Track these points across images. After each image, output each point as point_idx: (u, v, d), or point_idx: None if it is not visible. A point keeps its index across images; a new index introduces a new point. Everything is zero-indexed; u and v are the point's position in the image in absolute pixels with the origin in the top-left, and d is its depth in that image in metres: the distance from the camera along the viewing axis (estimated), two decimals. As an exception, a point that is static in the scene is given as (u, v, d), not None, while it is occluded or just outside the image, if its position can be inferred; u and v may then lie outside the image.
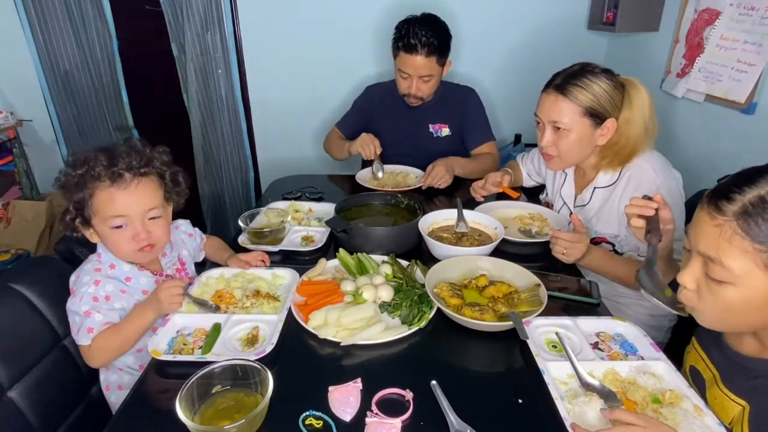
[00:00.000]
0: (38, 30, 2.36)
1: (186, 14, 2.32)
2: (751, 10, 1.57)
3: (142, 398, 0.86)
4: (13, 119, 2.40)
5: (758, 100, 1.54)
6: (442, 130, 1.95)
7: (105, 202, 0.98)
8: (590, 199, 1.36)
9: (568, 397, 0.82)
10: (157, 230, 1.04)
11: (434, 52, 1.72)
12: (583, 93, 1.21)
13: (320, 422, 0.78)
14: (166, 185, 1.08)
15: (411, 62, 1.73)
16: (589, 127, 1.25)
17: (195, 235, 1.29)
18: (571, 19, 2.43)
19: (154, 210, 1.03)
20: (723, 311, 0.74)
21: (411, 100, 1.86)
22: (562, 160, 1.33)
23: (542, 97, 1.30)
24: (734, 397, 0.79)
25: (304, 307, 1.06)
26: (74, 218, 1.00)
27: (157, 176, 1.06)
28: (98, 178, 0.97)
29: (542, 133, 1.31)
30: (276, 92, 2.55)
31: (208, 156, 2.68)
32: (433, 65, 1.76)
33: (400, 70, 1.79)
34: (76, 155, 1.00)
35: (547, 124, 1.29)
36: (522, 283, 1.12)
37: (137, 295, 1.06)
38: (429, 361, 0.94)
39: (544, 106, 1.29)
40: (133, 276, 1.07)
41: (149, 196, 1.02)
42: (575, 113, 1.23)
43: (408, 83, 1.81)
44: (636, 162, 1.26)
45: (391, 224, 1.44)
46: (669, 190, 1.22)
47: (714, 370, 0.85)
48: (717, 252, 0.70)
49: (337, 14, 2.39)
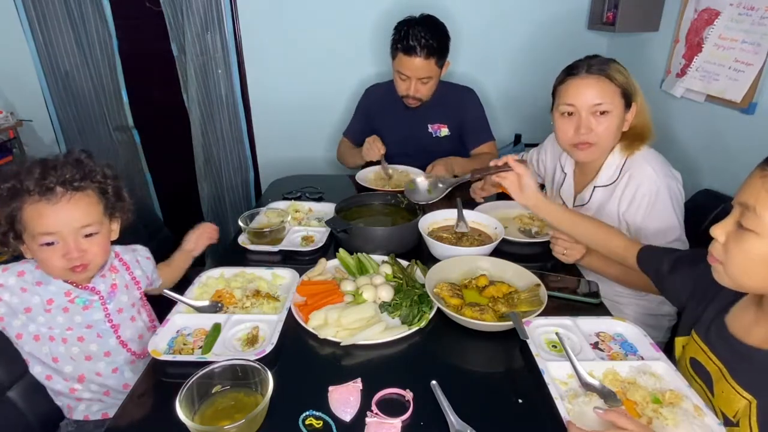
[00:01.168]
0: (38, 30, 2.35)
1: (186, 14, 2.32)
2: (751, 10, 1.57)
3: (142, 398, 0.86)
4: (13, 119, 2.39)
5: (758, 100, 1.54)
6: (441, 130, 1.95)
7: (33, 218, 0.91)
8: (590, 198, 1.36)
9: (568, 397, 0.82)
10: (93, 248, 0.97)
11: (433, 54, 1.72)
12: (618, 74, 1.21)
13: (320, 422, 0.78)
14: (108, 200, 1.02)
15: (410, 64, 1.73)
16: (623, 110, 1.23)
17: (151, 259, 1.21)
18: (570, 19, 2.43)
19: (90, 227, 0.96)
20: (745, 263, 0.75)
21: (409, 101, 1.86)
22: (599, 148, 1.26)
23: (576, 83, 1.22)
24: (741, 390, 0.79)
25: (304, 307, 1.06)
26: (5, 233, 0.94)
27: (97, 190, 0.99)
28: (27, 192, 0.90)
29: (577, 122, 1.24)
30: (276, 92, 2.55)
31: (208, 156, 2.67)
32: (432, 67, 1.76)
33: (399, 71, 1.79)
34: (10, 167, 0.94)
35: (584, 111, 1.22)
36: (522, 283, 1.13)
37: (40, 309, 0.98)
38: (429, 361, 0.94)
39: (584, 91, 1.21)
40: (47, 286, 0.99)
41: (84, 211, 0.95)
42: (615, 94, 1.21)
43: (407, 85, 1.80)
44: (637, 161, 1.26)
45: (391, 224, 1.44)
46: (669, 189, 1.22)
47: (719, 363, 0.85)
48: (756, 200, 0.72)
49: (338, 14, 2.39)
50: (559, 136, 1.31)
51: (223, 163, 2.71)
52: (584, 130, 1.23)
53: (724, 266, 0.78)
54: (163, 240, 1.63)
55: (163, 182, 2.81)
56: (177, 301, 1.07)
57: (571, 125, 1.25)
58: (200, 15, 2.34)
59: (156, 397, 0.86)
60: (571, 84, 1.24)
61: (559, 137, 1.31)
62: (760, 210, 0.71)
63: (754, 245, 0.73)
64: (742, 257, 0.75)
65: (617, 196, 1.28)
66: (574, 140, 1.26)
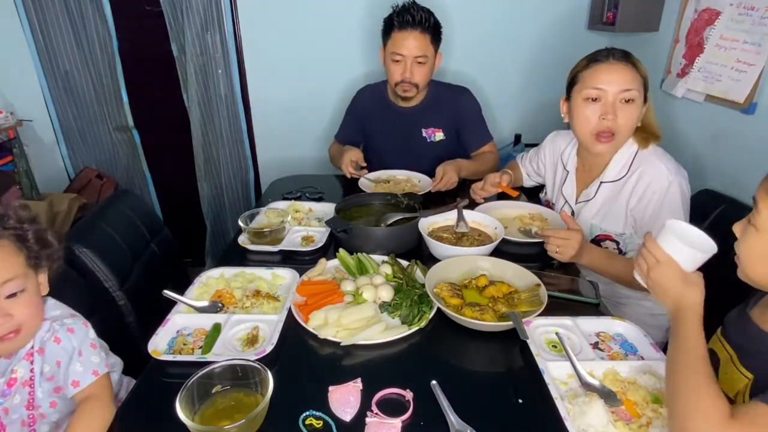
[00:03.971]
0: (38, 30, 2.35)
1: (186, 14, 2.32)
2: (751, 10, 1.57)
3: (142, 398, 0.86)
4: (13, 119, 2.39)
5: (758, 100, 1.54)
6: (436, 134, 1.90)
7: None
8: (596, 193, 1.35)
9: (568, 397, 0.82)
10: (20, 310, 0.80)
11: (429, 30, 1.68)
12: (641, 65, 1.20)
13: (320, 422, 0.78)
14: (29, 249, 0.84)
15: (406, 40, 1.68)
16: (643, 103, 1.22)
17: (98, 348, 0.92)
18: (570, 19, 2.43)
19: (11, 283, 0.79)
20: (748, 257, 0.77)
21: (405, 88, 1.76)
22: (618, 139, 1.23)
23: (605, 68, 1.19)
24: (743, 370, 0.80)
25: (304, 307, 1.06)
26: None
27: (14, 238, 0.82)
28: None
29: (603, 108, 1.19)
30: (276, 92, 2.55)
31: (207, 156, 2.67)
32: (428, 45, 1.70)
33: (394, 53, 1.71)
34: None
35: (611, 96, 1.19)
36: (522, 283, 1.13)
37: None
38: (429, 361, 0.95)
39: (613, 76, 1.18)
40: None
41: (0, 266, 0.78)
42: (641, 84, 1.20)
43: (401, 68, 1.72)
44: (647, 157, 1.26)
45: (391, 224, 1.44)
46: (680, 186, 1.21)
47: (731, 350, 0.86)
48: (760, 196, 0.74)
49: (338, 14, 2.39)
50: (579, 123, 1.26)
51: (223, 163, 2.71)
52: (611, 115, 1.19)
53: (739, 264, 0.80)
54: (163, 240, 1.63)
55: (163, 182, 2.81)
56: (177, 301, 1.07)
57: (595, 111, 1.21)
58: (200, 15, 2.34)
59: (156, 397, 0.85)
60: (599, 68, 1.20)
61: (580, 125, 1.26)
62: (761, 206, 0.73)
63: (754, 240, 0.75)
64: (746, 252, 0.77)
65: (627, 191, 1.27)
66: (597, 128, 1.22)
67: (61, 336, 0.86)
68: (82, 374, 0.84)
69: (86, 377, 0.84)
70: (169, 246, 1.66)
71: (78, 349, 0.86)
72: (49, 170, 2.62)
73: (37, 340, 0.85)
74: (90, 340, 0.89)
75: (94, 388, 0.85)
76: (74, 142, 2.62)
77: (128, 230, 1.47)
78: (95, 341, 0.90)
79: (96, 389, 0.85)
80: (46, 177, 2.61)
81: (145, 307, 1.39)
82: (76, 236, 1.29)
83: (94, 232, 1.35)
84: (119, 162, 2.69)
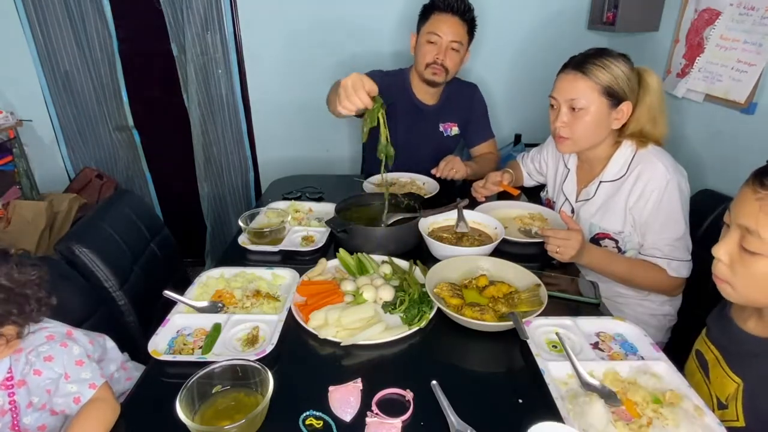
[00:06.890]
0: (38, 30, 2.35)
1: (186, 14, 2.32)
2: (751, 10, 1.57)
3: (142, 398, 0.86)
4: (13, 119, 2.40)
5: (758, 100, 1.54)
6: (452, 129, 1.94)
7: None
8: (595, 192, 1.36)
9: (568, 397, 0.82)
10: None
11: (467, 21, 1.70)
12: (603, 72, 1.22)
13: (320, 422, 0.78)
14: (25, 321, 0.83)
15: (445, 23, 1.67)
16: (606, 107, 1.24)
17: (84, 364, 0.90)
18: (570, 19, 2.43)
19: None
20: (756, 283, 0.77)
21: (435, 69, 1.73)
22: (575, 143, 1.31)
23: (559, 78, 1.29)
24: (732, 374, 0.82)
25: (304, 307, 1.06)
26: None
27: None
28: None
29: (556, 114, 1.30)
30: (276, 92, 2.55)
31: (208, 156, 2.67)
32: (464, 34, 1.71)
33: (431, 33, 1.69)
34: None
35: (563, 105, 1.27)
36: (522, 283, 1.12)
37: None
38: (429, 361, 0.94)
39: (561, 86, 1.27)
40: None
41: None
42: (594, 91, 1.22)
43: (436, 49, 1.71)
44: (646, 157, 1.26)
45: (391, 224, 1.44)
46: (679, 185, 1.22)
47: (716, 352, 0.88)
48: (756, 224, 0.73)
49: (338, 14, 2.39)
50: None
51: (223, 163, 2.71)
52: (558, 123, 1.29)
53: (732, 287, 0.80)
54: (163, 240, 1.63)
55: (163, 182, 2.81)
56: (177, 301, 1.07)
57: (553, 116, 1.32)
58: (200, 15, 2.34)
59: (156, 397, 0.85)
60: (557, 77, 1.30)
61: None
62: (764, 233, 0.73)
63: (762, 267, 0.75)
64: (752, 279, 0.77)
65: (626, 190, 1.28)
66: (554, 132, 1.33)
67: (39, 367, 0.84)
68: (80, 391, 0.84)
69: (85, 392, 0.84)
70: (169, 246, 1.66)
71: (63, 374, 0.85)
72: (49, 170, 2.62)
73: (17, 373, 0.84)
74: (75, 359, 0.86)
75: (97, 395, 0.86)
76: (74, 142, 2.62)
77: (128, 230, 1.47)
78: (80, 356, 0.88)
79: (98, 394, 0.86)
80: (46, 177, 2.61)
81: (145, 307, 1.39)
82: (76, 236, 1.29)
83: (94, 232, 1.35)
84: (119, 162, 2.69)
